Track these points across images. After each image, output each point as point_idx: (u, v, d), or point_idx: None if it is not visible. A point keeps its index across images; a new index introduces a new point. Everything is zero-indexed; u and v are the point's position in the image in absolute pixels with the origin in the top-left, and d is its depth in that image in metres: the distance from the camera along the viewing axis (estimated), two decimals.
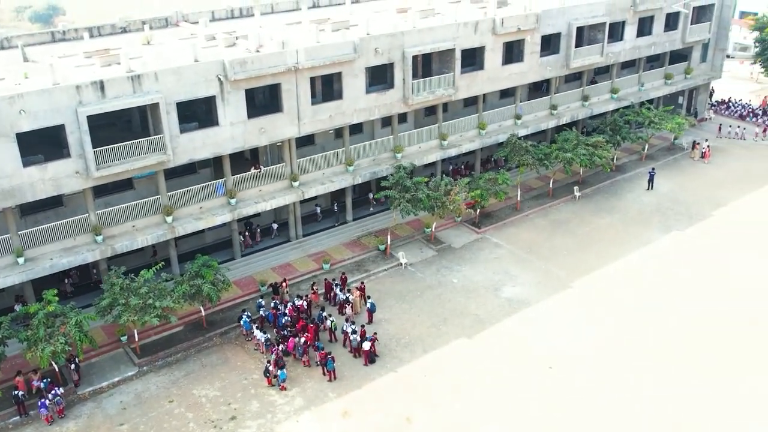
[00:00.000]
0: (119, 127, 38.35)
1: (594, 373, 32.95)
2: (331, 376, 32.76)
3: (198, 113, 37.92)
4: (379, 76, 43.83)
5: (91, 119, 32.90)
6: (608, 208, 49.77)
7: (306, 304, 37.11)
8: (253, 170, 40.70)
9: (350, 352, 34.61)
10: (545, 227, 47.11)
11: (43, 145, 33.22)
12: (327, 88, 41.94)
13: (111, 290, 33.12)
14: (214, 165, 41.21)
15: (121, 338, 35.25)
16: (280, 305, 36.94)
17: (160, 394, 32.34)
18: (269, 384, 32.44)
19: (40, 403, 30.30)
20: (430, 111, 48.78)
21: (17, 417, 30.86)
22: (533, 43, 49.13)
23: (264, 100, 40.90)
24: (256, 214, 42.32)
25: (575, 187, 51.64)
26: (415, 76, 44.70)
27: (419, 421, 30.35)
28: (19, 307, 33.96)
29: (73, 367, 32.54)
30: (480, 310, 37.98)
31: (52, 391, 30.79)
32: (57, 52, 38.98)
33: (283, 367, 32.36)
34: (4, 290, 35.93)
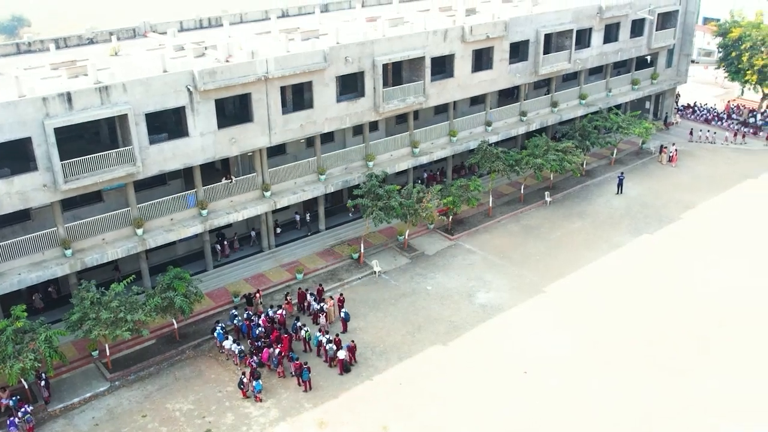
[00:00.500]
0: (87, 139, 37.92)
1: (569, 377, 33.17)
2: (307, 387, 32.59)
3: (168, 124, 37.64)
4: (350, 85, 43.88)
5: (59, 131, 32.48)
6: (579, 212, 50.27)
7: (281, 314, 36.91)
8: (224, 181, 40.43)
9: (325, 361, 34.48)
10: (517, 233, 47.42)
11: (9, 158, 32.75)
12: (298, 97, 41.88)
13: (81, 304, 32.64)
14: (185, 176, 40.88)
15: (92, 353, 34.72)
16: (254, 316, 36.70)
17: (133, 409, 31.89)
18: (244, 396, 32.17)
19: (9, 422, 29.70)
20: (401, 119, 48.92)
21: None
22: (502, 51, 49.55)
23: (234, 110, 40.72)
24: (228, 225, 42.03)
25: (546, 193, 52.08)
26: (386, 85, 44.82)
27: (396, 429, 30.27)
28: None
29: (43, 383, 31.96)
30: (454, 317, 38.06)
31: (22, 409, 30.19)
32: (23, 64, 38.54)
33: (259, 378, 32.13)
34: None
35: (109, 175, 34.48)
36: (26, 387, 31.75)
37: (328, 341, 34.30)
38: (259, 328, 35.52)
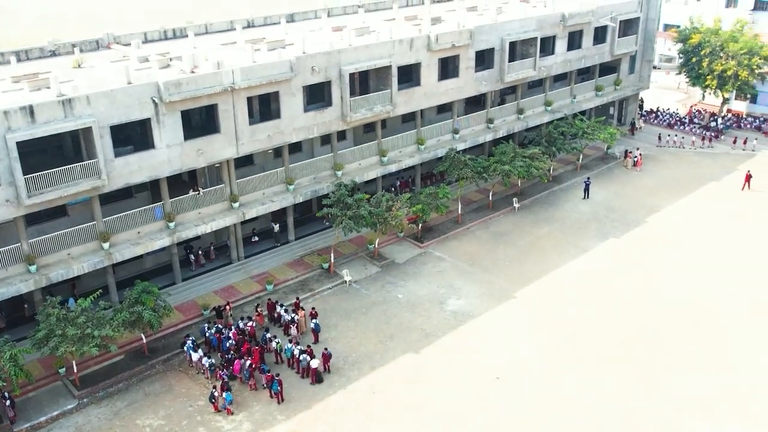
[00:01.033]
0: (51, 153, 37.29)
1: (541, 381, 33.38)
2: (279, 398, 32.34)
3: (133, 136, 37.21)
4: (317, 95, 43.83)
5: (21, 145, 31.91)
6: (547, 218, 50.72)
7: (252, 326, 36.62)
8: (191, 192, 40.08)
9: (297, 372, 34.26)
10: (487, 239, 47.69)
11: None
12: (265, 107, 41.72)
13: (47, 321, 32.03)
14: (152, 188, 40.41)
15: (59, 370, 34.10)
16: (224, 329, 36.36)
17: (102, 426, 31.34)
18: (215, 410, 31.81)
19: None
20: (369, 128, 48.94)
21: None
22: (468, 59, 49.92)
23: (201, 122, 40.41)
24: (196, 237, 41.65)
25: (514, 199, 52.50)
26: (353, 94, 44.83)
27: None
28: None
29: (8, 402, 31.30)
30: (426, 325, 38.11)
31: None
32: None
33: (229, 390, 31.80)
34: None
35: (74, 189, 33.97)
36: None
37: (301, 352, 34.10)
38: (230, 341, 35.20)
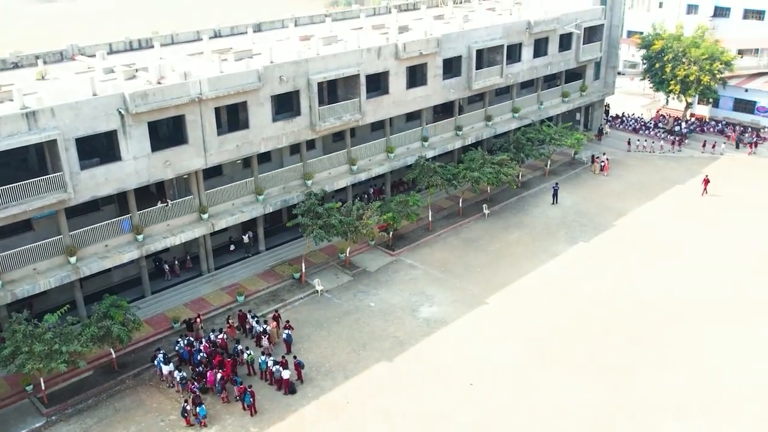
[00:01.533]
0: (15, 166, 36.59)
1: (515, 386, 33.52)
2: (252, 411, 32.03)
3: (99, 148, 36.75)
4: (286, 104, 43.71)
5: None
6: (516, 223, 51.08)
7: (223, 338, 36.28)
8: (159, 204, 39.66)
9: (271, 384, 33.99)
10: (458, 246, 47.86)
11: None
12: (233, 117, 41.48)
13: (13, 338, 31.39)
14: (119, 201, 39.89)
15: (27, 388, 33.43)
16: (195, 342, 35.97)
17: None
18: (188, 424, 31.39)
19: None
20: (338, 136, 48.89)
21: None
22: (436, 67, 50.18)
23: (168, 133, 40.01)
24: (165, 249, 41.20)
25: (484, 205, 52.80)
26: (322, 103, 44.76)
27: None
28: None
29: None
30: (399, 332, 38.08)
31: None
32: None
33: (201, 403, 31.43)
34: None
35: (39, 203, 33.42)
36: None
37: (275, 363, 33.86)
38: (201, 354, 34.83)
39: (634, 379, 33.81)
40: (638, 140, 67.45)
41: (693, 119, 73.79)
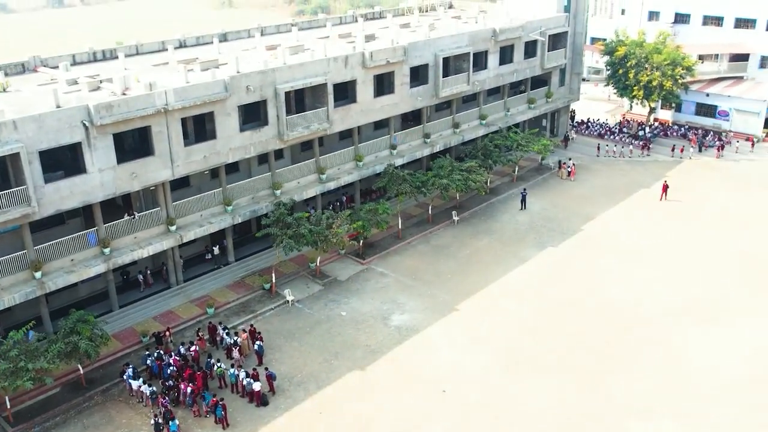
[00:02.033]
0: None
1: (487, 391, 33.64)
2: (224, 424, 31.71)
3: (64, 161, 36.20)
4: (253, 114, 43.54)
5: None
6: (486, 229, 51.38)
7: (195, 350, 35.89)
8: (126, 217, 39.19)
9: (242, 396, 33.70)
10: (428, 253, 47.99)
11: None
12: (200, 128, 41.19)
13: None
14: (85, 214, 39.35)
15: None
16: (165, 355, 35.54)
17: None
18: None
19: None
20: (307, 146, 48.77)
21: None
22: (403, 75, 50.38)
23: (134, 144, 39.61)
24: (133, 262, 40.71)
25: (453, 212, 53.03)
26: (289, 112, 44.68)
27: None
28: None
29: None
30: (371, 341, 38.03)
31: None
32: None
33: (173, 418, 31.03)
34: None
35: (2, 218, 32.80)
36: None
37: (247, 375, 33.57)
38: (171, 368, 34.42)
39: (603, 381, 34.16)
40: (608, 145, 68.30)
41: (657, 124, 75.00)
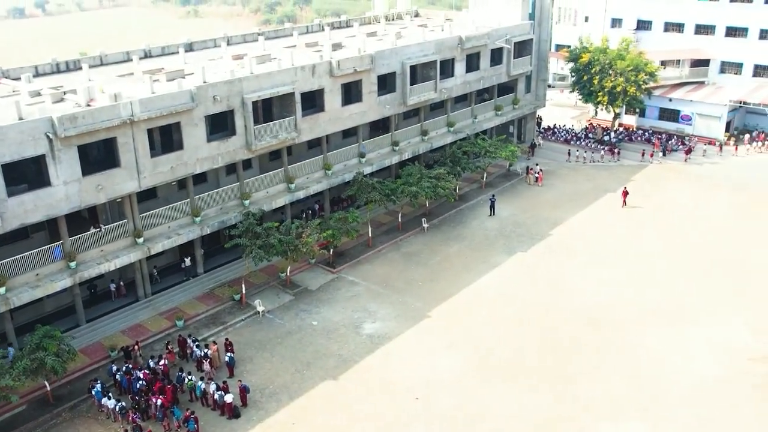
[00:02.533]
0: None
1: (458, 398, 33.70)
2: None
3: (27, 174, 35.56)
4: (220, 124, 43.26)
5: None
6: (455, 236, 51.59)
7: (165, 364, 35.42)
8: (92, 230, 38.62)
9: (213, 409, 33.33)
10: (398, 260, 48.02)
11: None
12: (166, 138, 40.80)
13: None
14: (49, 227, 38.70)
15: None
16: (134, 370, 35.02)
17: None
18: None
19: None
20: (275, 155, 48.58)
21: None
22: (370, 83, 50.47)
23: (99, 156, 39.08)
24: (100, 276, 40.11)
25: (423, 219, 53.16)
26: (257, 122, 44.47)
27: None
28: None
29: None
30: (342, 350, 37.90)
31: None
32: None
33: None
34: None
35: None
36: None
37: (217, 388, 33.21)
38: (140, 382, 33.93)
39: (574, 384, 34.43)
40: (578, 151, 69.04)
41: (621, 129, 76.04)
